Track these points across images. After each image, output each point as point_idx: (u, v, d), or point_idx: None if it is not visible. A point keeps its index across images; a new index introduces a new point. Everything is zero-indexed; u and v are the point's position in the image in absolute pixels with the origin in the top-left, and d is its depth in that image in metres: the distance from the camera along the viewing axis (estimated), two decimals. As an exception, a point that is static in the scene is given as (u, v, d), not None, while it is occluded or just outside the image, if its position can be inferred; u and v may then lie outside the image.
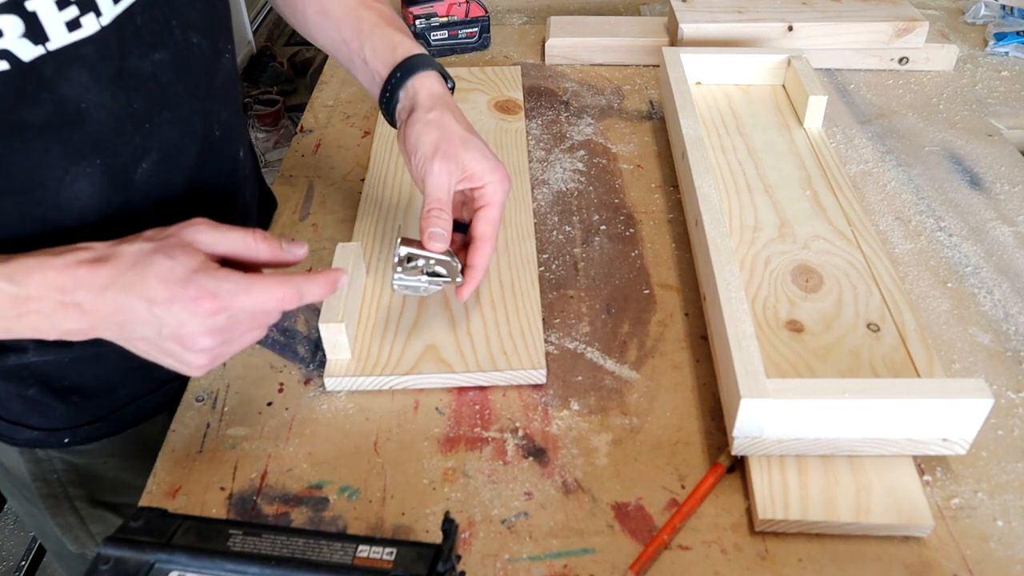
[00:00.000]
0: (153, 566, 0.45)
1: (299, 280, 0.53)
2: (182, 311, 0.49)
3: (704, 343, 0.71)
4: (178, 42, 0.60)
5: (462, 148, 0.64)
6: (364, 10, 0.71)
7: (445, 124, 0.64)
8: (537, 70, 1.13)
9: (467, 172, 0.64)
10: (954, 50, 1.10)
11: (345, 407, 0.66)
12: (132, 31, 0.56)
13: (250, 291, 0.51)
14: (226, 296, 0.50)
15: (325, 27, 0.73)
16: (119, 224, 0.60)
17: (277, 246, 0.55)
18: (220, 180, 0.70)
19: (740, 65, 1.00)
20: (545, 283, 0.77)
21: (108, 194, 0.59)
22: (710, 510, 0.58)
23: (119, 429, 0.74)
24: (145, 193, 0.62)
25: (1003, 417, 0.65)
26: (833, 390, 0.56)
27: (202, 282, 0.49)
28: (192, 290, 0.49)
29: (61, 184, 0.57)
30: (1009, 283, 0.77)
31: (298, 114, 1.02)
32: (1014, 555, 0.55)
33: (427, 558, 0.45)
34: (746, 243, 0.77)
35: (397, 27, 0.71)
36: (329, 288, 0.55)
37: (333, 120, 1.03)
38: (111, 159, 0.58)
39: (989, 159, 0.93)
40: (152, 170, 0.61)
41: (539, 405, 0.66)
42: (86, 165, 0.57)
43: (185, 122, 0.63)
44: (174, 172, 0.64)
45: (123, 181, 0.60)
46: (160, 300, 0.49)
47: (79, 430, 0.72)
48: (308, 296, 0.54)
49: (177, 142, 0.63)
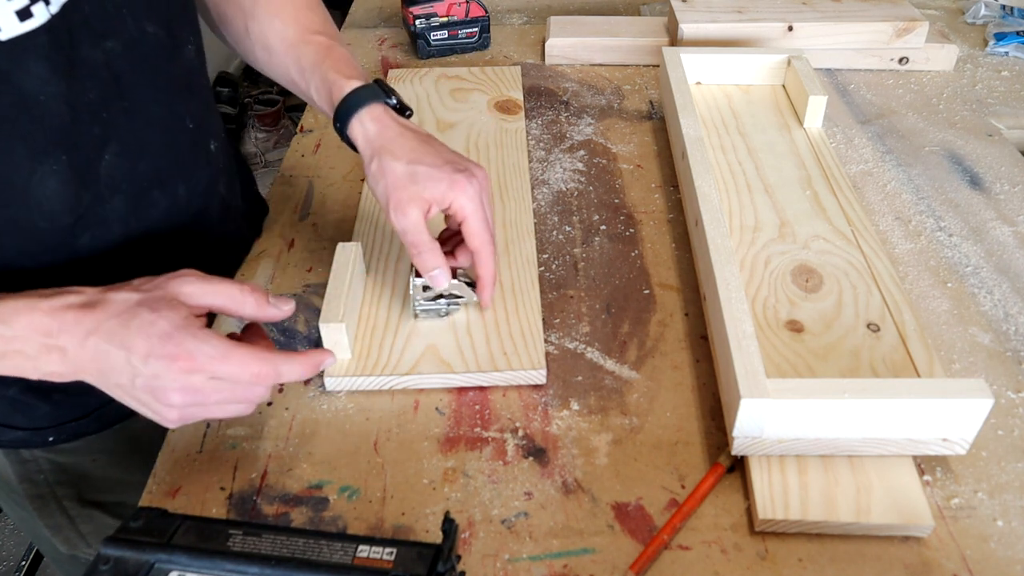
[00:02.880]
0: (153, 566, 0.45)
1: (279, 359, 0.54)
2: (157, 365, 0.50)
3: (704, 343, 0.71)
4: (131, 31, 0.61)
5: (410, 184, 0.63)
6: (303, 46, 0.70)
7: (386, 170, 0.64)
8: (537, 70, 1.13)
9: (427, 202, 0.63)
10: (954, 50, 1.10)
11: (345, 407, 0.66)
12: (80, 19, 0.57)
13: (227, 359, 0.51)
14: (202, 359, 0.51)
15: (272, 64, 0.73)
16: (91, 222, 0.61)
17: (264, 301, 0.55)
18: (191, 172, 0.70)
19: (740, 65, 1.00)
20: (545, 283, 0.77)
21: (76, 190, 0.60)
22: (710, 510, 0.58)
23: (105, 425, 0.74)
24: (112, 187, 0.62)
25: (1003, 417, 0.65)
26: (833, 390, 0.56)
27: (181, 341, 0.50)
28: (170, 347, 0.50)
29: (29, 184, 0.57)
30: (1009, 283, 0.77)
31: (298, 114, 1.02)
32: (1014, 555, 0.55)
33: (427, 558, 0.45)
34: (746, 243, 0.77)
35: (334, 60, 0.69)
36: (310, 370, 0.56)
37: (333, 120, 1.03)
38: (73, 153, 0.59)
39: (989, 159, 0.93)
40: (115, 161, 0.62)
41: (539, 405, 0.66)
42: (52, 162, 0.58)
43: (144, 112, 0.63)
44: (139, 162, 0.64)
45: (88, 175, 0.60)
46: (138, 352, 0.50)
47: (64, 428, 0.72)
48: (286, 376, 0.54)
49: (138, 132, 0.63)
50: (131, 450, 0.77)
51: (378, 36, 1.23)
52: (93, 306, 0.51)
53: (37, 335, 0.51)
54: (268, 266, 0.80)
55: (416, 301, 0.70)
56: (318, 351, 0.57)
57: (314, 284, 0.78)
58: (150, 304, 0.51)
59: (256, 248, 0.83)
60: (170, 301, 0.52)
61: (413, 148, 0.65)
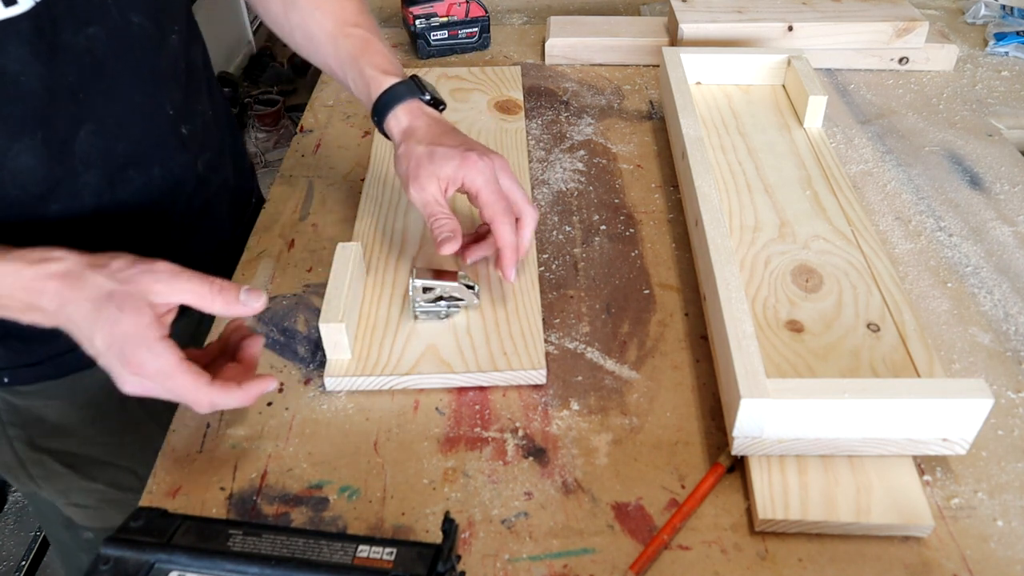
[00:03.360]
0: (153, 566, 0.45)
1: (215, 392, 0.55)
2: (113, 361, 0.54)
3: (704, 343, 0.71)
4: (115, 19, 0.64)
5: (428, 163, 0.67)
6: (342, 39, 0.73)
7: (411, 153, 0.68)
8: (537, 70, 1.13)
9: (443, 180, 0.67)
10: (954, 50, 1.10)
11: (345, 407, 0.66)
12: (65, 7, 0.60)
13: (173, 378, 0.54)
14: (149, 370, 0.53)
15: (313, 52, 0.77)
16: (62, 194, 0.65)
17: (233, 299, 0.56)
18: (167, 154, 0.73)
19: (740, 65, 1.00)
20: (545, 283, 0.77)
21: (49, 166, 0.63)
22: (710, 510, 0.58)
23: (63, 373, 0.75)
24: (87, 163, 0.66)
25: (1003, 417, 0.65)
26: (833, 390, 0.56)
27: (135, 349, 0.53)
28: (126, 351, 0.53)
29: (5, 158, 0.61)
30: (1009, 283, 0.77)
31: (298, 114, 1.03)
32: (1014, 555, 0.55)
33: (427, 558, 0.45)
34: (746, 243, 0.77)
35: (371, 54, 0.72)
36: (246, 401, 0.57)
37: (333, 120, 1.03)
38: (49, 131, 0.62)
39: (989, 159, 0.93)
40: (90, 140, 0.65)
41: (539, 405, 0.66)
42: (27, 139, 0.61)
43: (123, 97, 0.66)
44: (115, 142, 0.67)
45: (63, 152, 0.64)
46: (98, 344, 0.54)
47: (19, 371, 0.74)
48: (220, 406, 0.56)
49: (116, 115, 0.66)
50: (87, 401, 0.78)
51: (378, 36, 1.23)
52: (71, 281, 0.54)
53: (21, 294, 0.55)
54: (268, 266, 0.80)
55: (416, 303, 0.70)
56: (257, 381, 0.57)
57: (314, 284, 0.78)
58: (119, 300, 0.53)
59: (256, 248, 0.83)
60: (137, 302, 0.54)
61: (436, 134, 0.69)
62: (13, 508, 1.74)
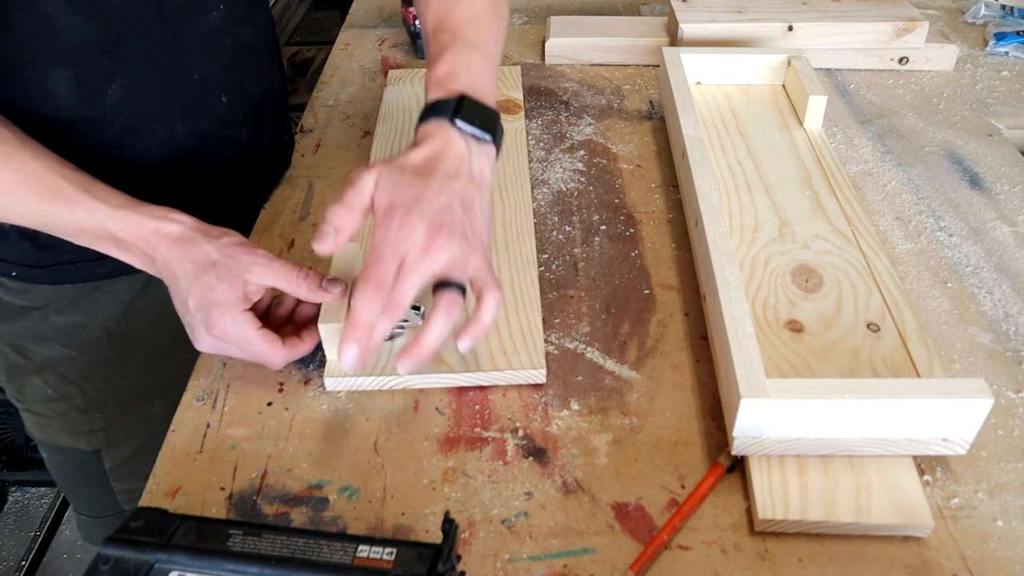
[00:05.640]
0: (153, 566, 0.45)
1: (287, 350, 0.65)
2: (198, 322, 0.62)
3: (704, 343, 0.71)
4: None
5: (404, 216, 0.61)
6: (430, 39, 0.72)
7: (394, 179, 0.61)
8: (537, 70, 1.13)
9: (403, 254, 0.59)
10: (954, 50, 1.10)
11: (345, 407, 0.66)
12: None
13: (253, 344, 0.63)
14: (231, 336, 0.62)
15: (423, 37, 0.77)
16: (89, 130, 0.72)
17: (315, 286, 0.64)
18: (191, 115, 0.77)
19: (740, 65, 1.00)
20: (545, 283, 0.77)
21: (79, 103, 0.70)
22: (710, 510, 0.58)
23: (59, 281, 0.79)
24: (115, 112, 0.72)
25: (1003, 417, 0.65)
26: (833, 390, 0.56)
27: (222, 316, 0.61)
28: (213, 316, 0.61)
29: (44, 80, 0.68)
30: (1009, 283, 0.77)
31: (298, 114, 1.02)
32: (1014, 555, 0.55)
33: (427, 558, 0.45)
34: (746, 243, 0.77)
35: (439, 64, 0.68)
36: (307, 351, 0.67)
37: (333, 120, 1.03)
38: (82, 74, 0.69)
39: (989, 159, 0.93)
40: (121, 93, 0.71)
41: (539, 405, 0.66)
42: (63, 71, 0.68)
43: (152, 56, 0.72)
44: (141, 98, 0.73)
45: (95, 98, 0.70)
46: (191, 303, 0.62)
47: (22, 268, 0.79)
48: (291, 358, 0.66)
49: (144, 72, 0.72)
50: (82, 325, 0.82)
51: (378, 36, 1.23)
52: (184, 242, 0.62)
53: (139, 244, 0.63)
54: (268, 266, 0.80)
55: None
56: (311, 332, 0.67)
57: (314, 284, 0.78)
58: (219, 271, 0.61)
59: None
60: (235, 276, 0.61)
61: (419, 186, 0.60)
62: (13, 508, 1.74)
